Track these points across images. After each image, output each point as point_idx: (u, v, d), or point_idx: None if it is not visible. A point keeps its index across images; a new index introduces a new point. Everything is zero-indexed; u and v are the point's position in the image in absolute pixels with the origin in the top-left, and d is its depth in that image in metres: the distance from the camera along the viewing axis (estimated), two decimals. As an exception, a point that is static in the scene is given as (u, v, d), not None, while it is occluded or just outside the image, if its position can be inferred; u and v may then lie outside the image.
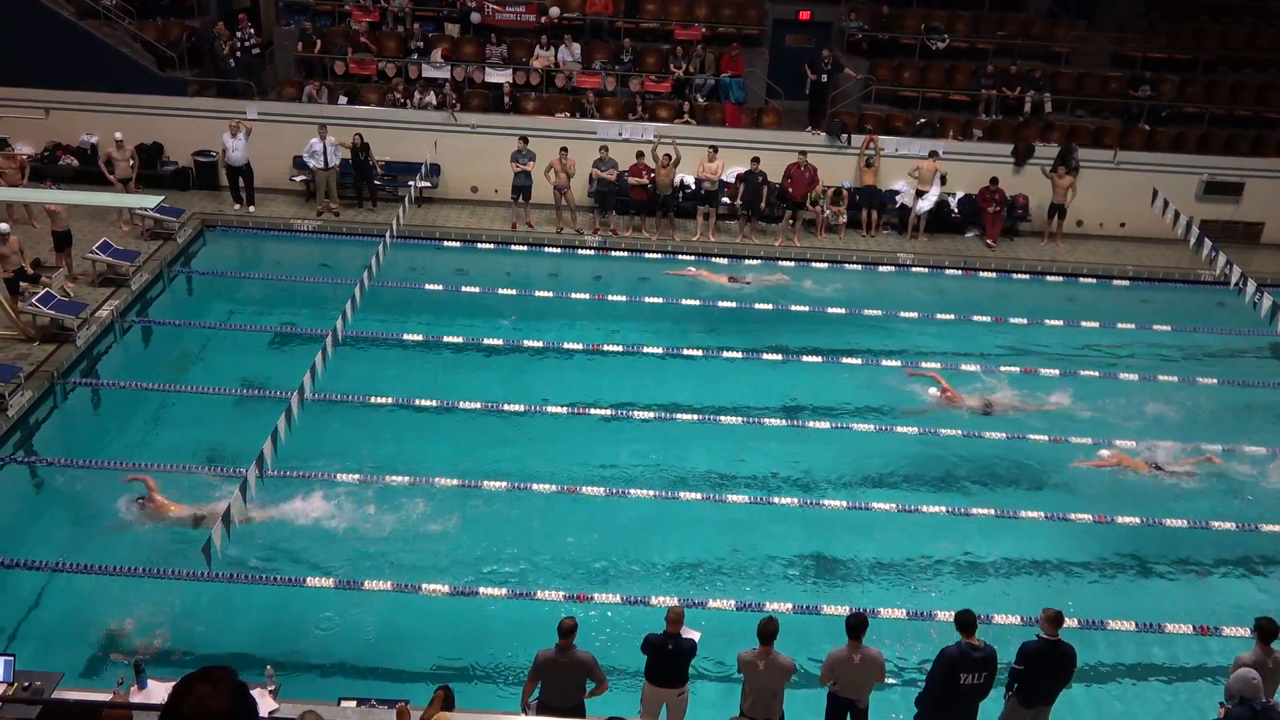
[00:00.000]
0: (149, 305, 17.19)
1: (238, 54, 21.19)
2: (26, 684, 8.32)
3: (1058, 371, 16.20)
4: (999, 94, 22.01)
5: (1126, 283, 20.01)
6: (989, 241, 20.79)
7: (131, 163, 19.22)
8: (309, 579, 11.10)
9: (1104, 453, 14.33)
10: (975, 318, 18.03)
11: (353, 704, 8.55)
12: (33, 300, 14.89)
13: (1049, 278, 20.11)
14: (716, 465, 13.70)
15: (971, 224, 21.24)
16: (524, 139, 19.74)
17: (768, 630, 8.73)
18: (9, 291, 15.06)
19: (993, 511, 12.92)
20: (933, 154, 20.41)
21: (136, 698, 8.26)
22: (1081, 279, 20.06)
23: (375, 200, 20.66)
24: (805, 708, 9.42)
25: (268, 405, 13.67)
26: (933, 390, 15.46)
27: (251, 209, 20.16)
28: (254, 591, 11.05)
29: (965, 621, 8.76)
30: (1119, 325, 17.87)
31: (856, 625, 8.82)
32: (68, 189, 18.53)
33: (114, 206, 18.58)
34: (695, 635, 9.07)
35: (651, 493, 12.90)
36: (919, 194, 20.64)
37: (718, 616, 10.80)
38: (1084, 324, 17.90)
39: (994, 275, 20.09)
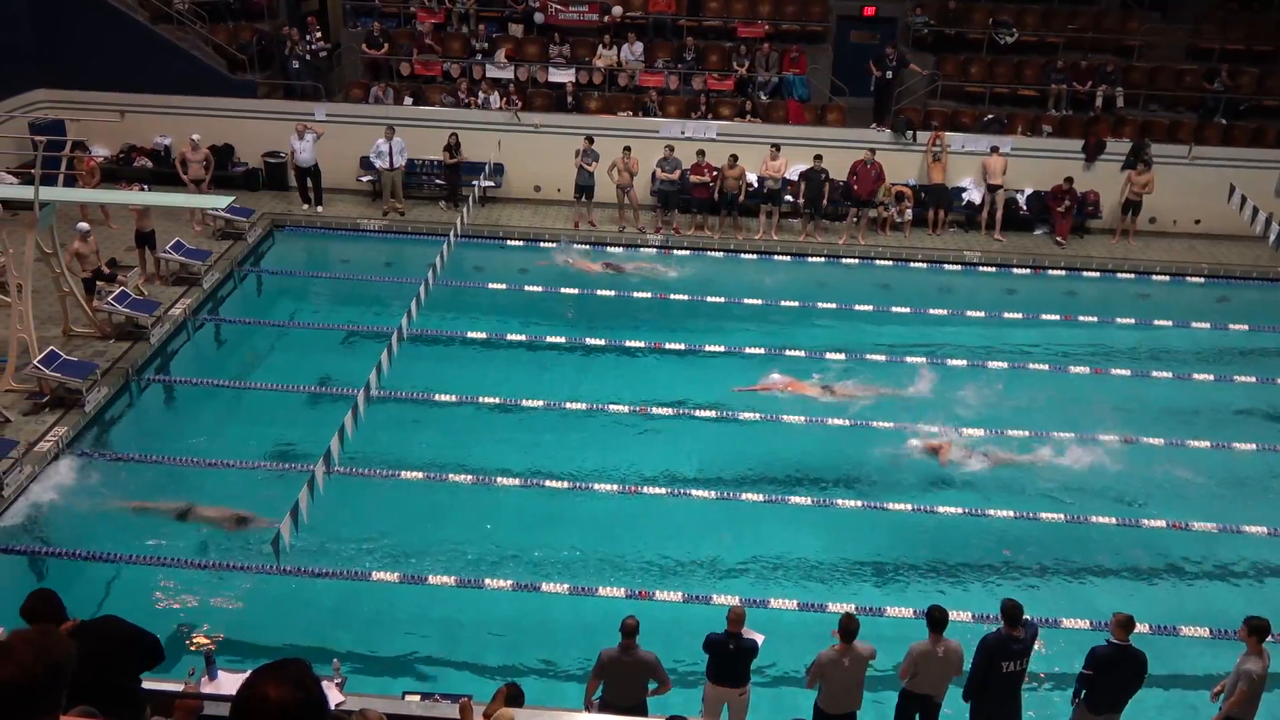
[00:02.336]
0: (220, 304, 17.54)
1: (306, 57, 21.53)
2: (102, 673, 8.51)
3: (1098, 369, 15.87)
4: (1069, 89, 21.58)
5: (1201, 281, 19.52)
6: (1058, 239, 20.41)
7: (205, 164, 19.61)
8: (374, 573, 11.22)
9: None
10: (1043, 315, 17.74)
11: (417, 698, 8.60)
12: (109, 299, 15.26)
13: (1120, 275, 19.70)
14: (778, 464, 13.60)
15: (1040, 221, 20.87)
16: (589, 138, 19.80)
17: (849, 628, 8.66)
18: (86, 290, 15.46)
19: (1063, 517, 12.68)
20: (994, 149, 20.09)
21: (207, 688, 8.39)
22: (1154, 277, 19.62)
23: (457, 201, 20.63)
24: (870, 709, 9.31)
25: (334, 402, 13.89)
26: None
27: (319, 209, 20.46)
28: (321, 585, 11.20)
29: (1009, 612, 8.71)
30: (1193, 324, 17.47)
31: (940, 618, 8.74)
32: (143, 190, 18.97)
33: (186, 207, 18.98)
34: (759, 637, 9.01)
35: (713, 493, 12.85)
36: (991, 188, 20.30)
37: (780, 616, 10.74)
38: (1157, 322, 17.54)
39: (1064, 273, 19.74)
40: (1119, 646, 8.73)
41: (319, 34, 21.94)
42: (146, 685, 8.57)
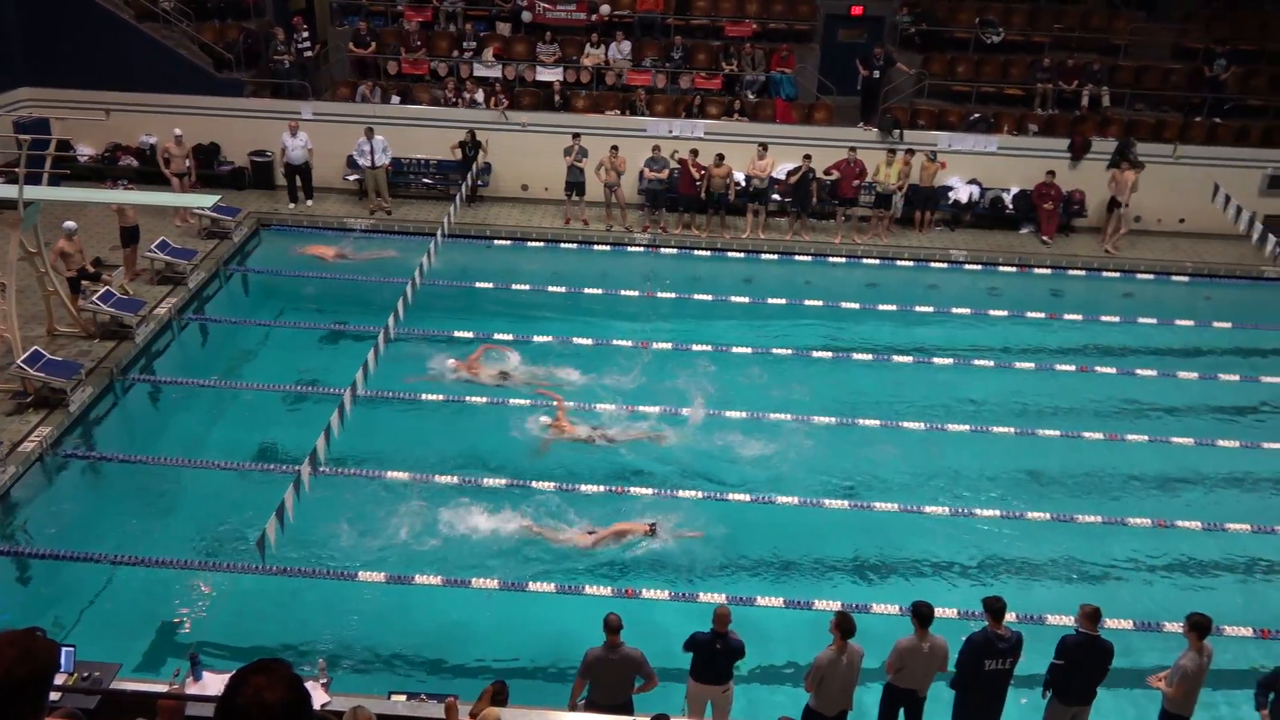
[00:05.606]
0: (206, 303, 17.48)
1: (293, 55, 21.48)
2: (86, 674, 8.50)
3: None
4: (1055, 88, 21.66)
5: (1186, 279, 19.61)
6: (1044, 238, 20.48)
7: (187, 160, 19.51)
8: (360, 573, 11.21)
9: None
10: (1029, 314, 17.82)
11: (403, 698, 8.62)
12: (93, 298, 15.21)
13: (1105, 274, 19.77)
14: (766, 464, 13.62)
15: (1027, 220, 20.94)
16: (576, 135, 19.79)
17: (844, 625, 8.69)
18: (71, 290, 15.40)
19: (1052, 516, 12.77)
20: (1137, 165, 19.82)
21: (192, 689, 8.39)
22: (1139, 275, 19.69)
23: (474, 198, 20.68)
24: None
25: (321, 402, 13.87)
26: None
27: (309, 203, 20.45)
28: (306, 585, 11.18)
29: (993, 609, 8.80)
30: (1177, 322, 17.56)
31: (927, 614, 8.80)
32: (129, 188, 18.92)
33: (164, 205, 18.89)
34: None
35: (700, 494, 12.86)
36: (1116, 203, 20.12)
37: (766, 615, 10.79)
38: (1141, 320, 17.63)
39: (1049, 272, 19.80)
40: (1087, 636, 8.83)
41: (306, 33, 21.88)
42: (132, 686, 8.60)
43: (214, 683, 8.47)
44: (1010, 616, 9.08)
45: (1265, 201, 20.41)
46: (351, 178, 21.13)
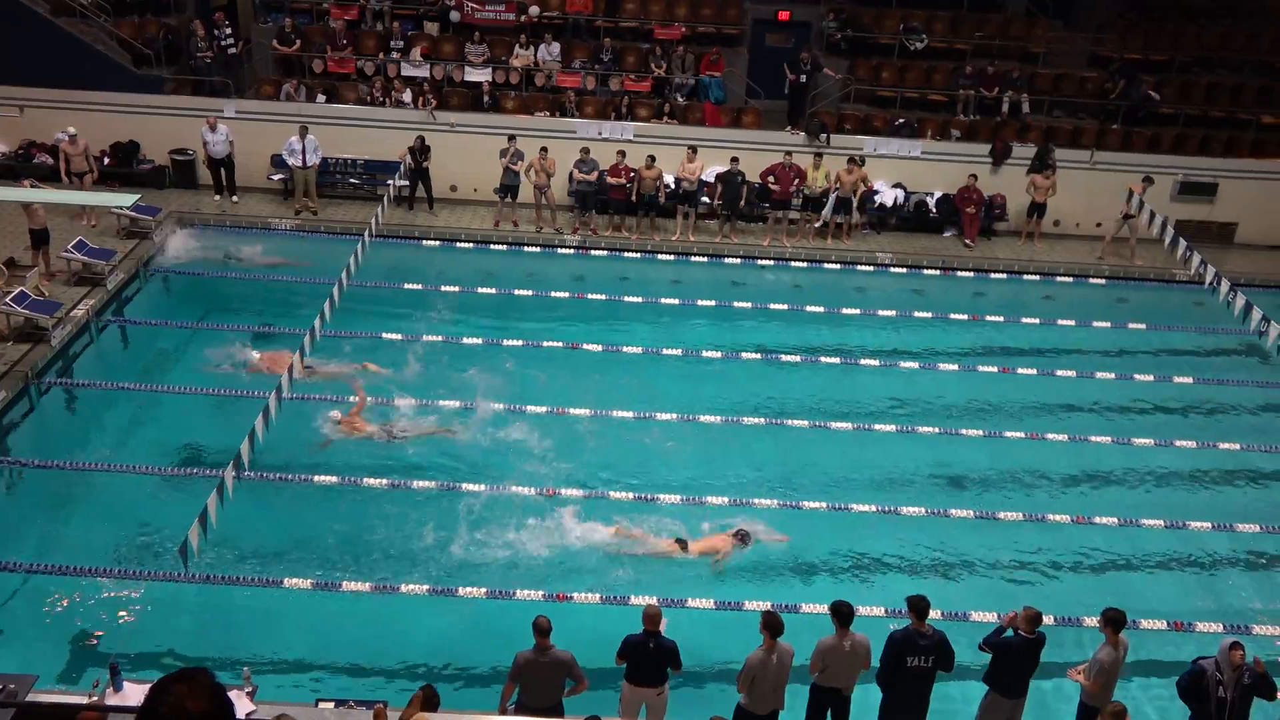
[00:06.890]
0: (125, 304, 17.07)
1: (214, 52, 21.06)
2: (1, 686, 8.27)
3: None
4: (977, 94, 22.11)
5: (1103, 282, 20.14)
6: (967, 241, 20.89)
7: (86, 157, 18.92)
8: (286, 580, 11.05)
9: (334, 414, 14.00)
10: (952, 315, 18.16)
11: (330, 705, 8.53)
12: (7, 299, 14.78)
13: (1026, 277, 20.22)
14: (694, 464, 13.72)
15: (950, 224, 21.34)
16: (512, 137, 19.70)
17: (772, 624, 8.76)
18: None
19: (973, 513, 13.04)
20: (1146, 179, 19.80)
21: (112, 700, 8.22)
22: (1058, 278, 20.18)
23: (431, 204, 20.59)
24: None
25: (245, 405, 13.62)
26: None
27: (234, 199, 20.08)
28: (231, 593, 11.00)
29: (917, 607, 8.96)
30: (1094, 324, 18.02)
31: (847, 613, 8.90)
32: (43, 187, 18.40)
33: (81, 204, 18.40)
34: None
35: (631, 495, 12.90)
36: (1126, 216, 20.04)
37: (698, 616, 10.86)
38: (1060, 322, 18.06)
39: (971, 274, 20.19)
40: (1026, 638, 9.04)
41: (228, 29, 21.47)
42: (50, 698, 8.39)
43: (135, 693, 8.30)
44: (935, 614, 9.24)
45: (1177, 206, 21.04)
46: (277, 177, 20.79)
